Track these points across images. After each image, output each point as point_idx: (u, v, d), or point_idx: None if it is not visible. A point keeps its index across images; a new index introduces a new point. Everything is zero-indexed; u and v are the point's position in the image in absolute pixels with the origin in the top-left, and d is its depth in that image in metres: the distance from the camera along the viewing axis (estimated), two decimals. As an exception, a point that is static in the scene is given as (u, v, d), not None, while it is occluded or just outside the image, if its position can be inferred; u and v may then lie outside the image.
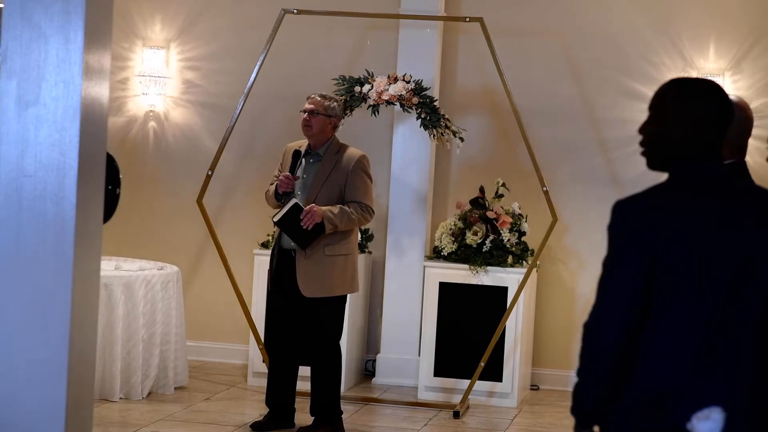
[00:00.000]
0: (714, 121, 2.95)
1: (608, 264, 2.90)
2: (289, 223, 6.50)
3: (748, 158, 4.27)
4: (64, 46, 2.60)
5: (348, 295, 6.81)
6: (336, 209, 6.52)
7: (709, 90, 2.97)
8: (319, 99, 6.72)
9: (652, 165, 3.02)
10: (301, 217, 6.46)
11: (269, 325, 6.86)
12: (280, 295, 6.69)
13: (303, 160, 6.72)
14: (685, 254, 2.85)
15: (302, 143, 6.80)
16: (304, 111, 6.70)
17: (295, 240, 6.52)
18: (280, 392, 6.80)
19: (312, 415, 6.75)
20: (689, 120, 2.95)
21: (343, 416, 6.85)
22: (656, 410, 2.83)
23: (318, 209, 6.47)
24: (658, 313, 2.86)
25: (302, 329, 6.67)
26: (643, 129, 3.02)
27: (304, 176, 6.69)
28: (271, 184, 6.82)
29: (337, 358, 6.70)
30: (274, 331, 6.78)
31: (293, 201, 6.51)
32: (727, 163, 3.08)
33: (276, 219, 6.52)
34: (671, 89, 2.99)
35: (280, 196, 6.68)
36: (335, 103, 6.75)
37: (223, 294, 8.49)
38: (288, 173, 6.65)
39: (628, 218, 2.90)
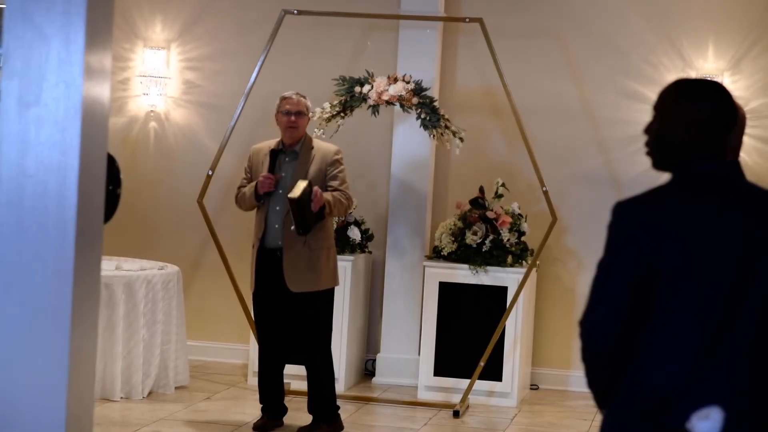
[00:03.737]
0: (717, 122, 2.95)
1: (605, 263, 2.92)
2: (300, 203, 6.41)
3: (746, 157, 4.28)
4: (65, 47, 2.60)
5: (348, 295, 6.81)
6: (330, 196, 6.56)
7: (712, 91, 2.98)
8: (302, 99, 6.76)
9: (656, 165, 3.03)
10: (311, 198, 6.44)
11: (260, 327, 6.83)
12: (266, 295, 6.69)
13: (278, 159, 6.72)
14: (686, 254, 2.86)
15: (271, 143, 6.79)
16: (289, 113, 6.69)
17: (300, 223, 6.46)
18: (274, 391, 6.81)
19: (310, 414, 6.76)
20: (692, 121, 2.95)
21: (344, 416, 6.86)
22: (656, 410, 2.83)
23: (323, 193, 6.49)
24: (658, 313, 2.87)
25: (292, 327, 6.67)
26: (648, 129, 3.02)
27: (283, 174, 6.68)
28: (241, 186, 6.80)
29: (329, 355, 6.74)
30: (264, 331, 6.77)
31: (305, 181, 6.45)
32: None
33: (292, 196, 6.39)
34: (675, 90, 2.99)
35: (261, 197, 6.67)
36: (309, 101, 6.84)
37: (223, 294, 8.50)
38: (268, 173, 6.64)
39: (627, 219, 2.91)
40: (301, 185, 6.42)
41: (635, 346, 2.90)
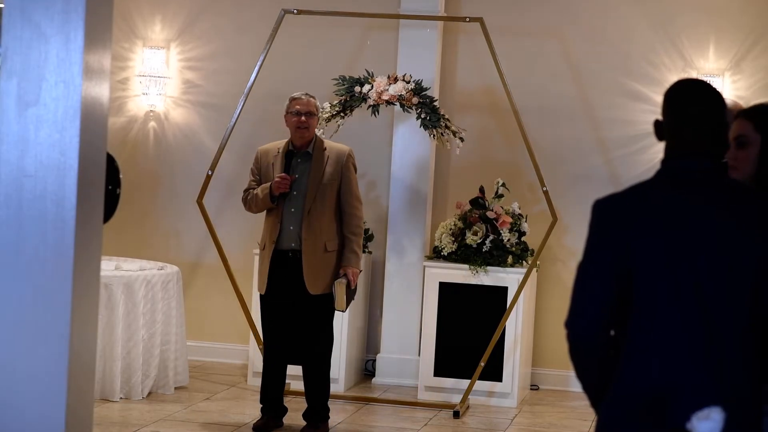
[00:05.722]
0: (697, 120, 2.99)
1: (586, 262, 2.95)
2: (350, 300, 6.68)
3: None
4: (64, 46, 2.60)
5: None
6: (350, 250, 6.63)
7: (695, 89, 3.03)
8: (311, 99, 6.75)
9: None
10: (352, 287, 6.64)
11: (267, 328, 6.78)
12: (277, 297, 6.65)
13: (291, 160, 6.70)
14: (670, 249, 2.87)
15: (278, 144, 6.78)
16: (299, 113, 6.66)
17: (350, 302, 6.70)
18: (276, 390, 6.81)
19: (308, 415, 6.74)
20: (673, 119, 3.01)
21: (344, 417, 6.87)
22: (652, 409, 2.83)
23: (352, 268, 6.60)
24: (645, 311, 2.88)
25: (300, 328, 6.65)
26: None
27: (297, 176, 6.65)
28: (249, 189, 6.77)
29: (330, 356, 6.75)
30: (271, 332, 6.73)
31: (340, 282, 6.58)
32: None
33: (342, 309, 6.66)
34: (670, 89, 3.06)
35: (275, 198, 6.64)
36: (317, 101, 6.84)
37: (223, 294, 8.49)
38: (284, 174, 6.61)
39: (607, 216, 2.95)
40: (338, 291, 6.57)
41: (624, 344, 2.91)
